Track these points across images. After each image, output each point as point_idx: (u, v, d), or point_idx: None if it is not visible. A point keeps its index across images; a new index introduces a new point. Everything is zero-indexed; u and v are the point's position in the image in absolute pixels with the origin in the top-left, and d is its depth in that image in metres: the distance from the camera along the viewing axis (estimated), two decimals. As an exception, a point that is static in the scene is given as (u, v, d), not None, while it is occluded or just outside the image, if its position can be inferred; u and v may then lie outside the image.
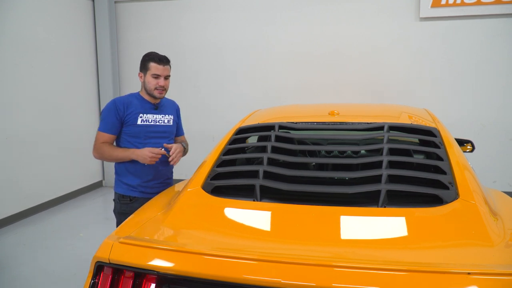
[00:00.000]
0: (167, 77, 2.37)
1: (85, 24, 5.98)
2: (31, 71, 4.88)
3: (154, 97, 2.38)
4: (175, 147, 2.35)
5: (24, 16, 4.78)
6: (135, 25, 6.27)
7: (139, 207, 2.32)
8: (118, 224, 2.43)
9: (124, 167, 2.39)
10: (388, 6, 5.40)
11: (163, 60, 2.34)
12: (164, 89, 2.37)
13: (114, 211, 2.47)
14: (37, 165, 5.00)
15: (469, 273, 1.04)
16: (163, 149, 2.30)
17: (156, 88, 2.33)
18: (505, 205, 1.73)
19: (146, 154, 2.24)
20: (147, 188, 2.39)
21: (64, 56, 5.49)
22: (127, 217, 2.34)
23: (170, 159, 2.33)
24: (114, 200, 2.47)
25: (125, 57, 6.38)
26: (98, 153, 2.34)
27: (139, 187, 2.38)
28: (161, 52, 2.42)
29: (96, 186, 6.24)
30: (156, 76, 2.32)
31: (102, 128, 2.34)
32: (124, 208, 2.40)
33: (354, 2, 5.50)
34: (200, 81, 6.15)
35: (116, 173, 2.44)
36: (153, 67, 2.32)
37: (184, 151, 2.50)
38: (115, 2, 6.23)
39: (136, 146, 2.35)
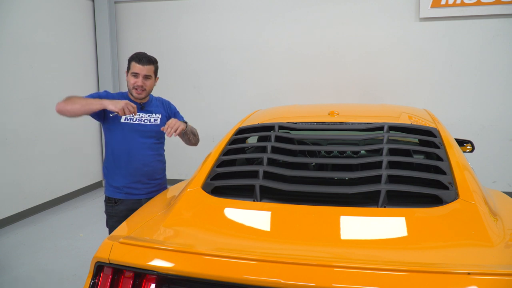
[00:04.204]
0: (147, 77, 2.32)
1: (85, 24, 5.98)
2: (31, 71, 4.88)
3: (134, 97, 2.35)
4: (170, 121, 2.23)
5: (24, 16, 4.78)
6: (135, 25, 6.27)
7: (124, 209, 2.34)
8: (107, 224, 2.46)
9: (110, 162, 2.36)
10: (388, 6, 5.40)
11: (142, 60, 2.30)
12: (143, 89, 2.32)
13: (104, 211, 2.48)
14: (37, 165, 5.01)
15: (469, 273, 1.04)
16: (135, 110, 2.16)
17: (134, 87, 2.31)
18: (505, 205, 1.73)
19: (120, 101, 2.11)
20: (132, 189, 2.36)
21: (64, 56, 5.49)
22: (114, 219, 2.38)
23: (166, 132, 2.21)
24: (104, 201, 2.48)
25: (125, 57, 6.36)
26: (65, 102, 2.17)
27: (124, 188, 2.36)
28: (161, 51, 2.42)
29: (96, 186, 6.24)
30: (135, 75, 2.30)
31: (87, 96, 2.24)
32: (110, 210, 2.41)
33: (354, 3, 5.50)
34: (200, 81, 6.15)
35: (104, 174, 2.44)
36: (133, 65, 2.30)
37: (187, 128, 2.35)
38: (115, 2, 6.23)
39: (120, 146, 2.33)
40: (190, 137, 2.46)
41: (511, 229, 1.42)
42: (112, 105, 2.11)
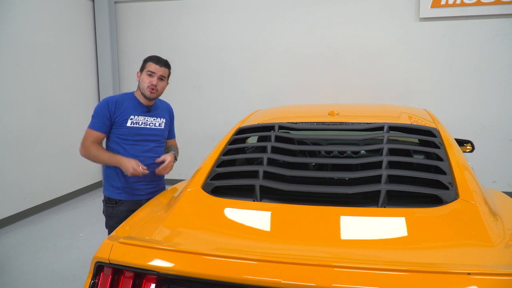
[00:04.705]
0: (162, 78, 2.34)
1: (85, 24, 5.98)
2: (31, 71, 4.88)
3: (146, 96, 2.34)
4: (168, 161, 2.32)
5: (24, 16, 4.78)
6: (135, 25, 6.27)
7: (125, 210, 2.34)
8: (106, 225, 2.46)
9: (112, 167, 2.37)
10: (388, 7, 5.40)
11: (161, 61, 2.33)
12: (156, 89, 2.32)
13: (103, 212, 2.47)
14: (37, 165, 5.01)
15: (469, 273, 1.04)
16: (146, 170, 2.25)
17: (148, 86, 2.31)
18: (505, 205, 1.73)
19: (129, 167, 2.19)
20: (133, 189, 2.36)
21: (64, 56, 5.49)
22: (113, 220, 2.37)
23: (158, 170, 2.31)
24: (103, 201, 2.47)
25: (125, 57, 6.38)
26: (86, 152, 2.29)
27: (124, 188, 2.36)
28: (161, 51, 2.42)
29: (96, 186, 6.24)
30: (150, 74, 2.31)
31: (92, 125, 2.31)
32: (110, 211, 2.40)
33: (354, 3, 5.50)
34: (200, 81, 6.16)
35: (104, 173, 2.44)
36: (149, 65, 2.32)
37: (175, 159, 2.47)
38: (115, 2, 6.23)
39: (124, 147, 2.33)
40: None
41: (511, 229, 1.42)
42: (124, 168, 2.22)
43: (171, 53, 6.07)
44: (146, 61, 2.36)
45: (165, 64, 2.35)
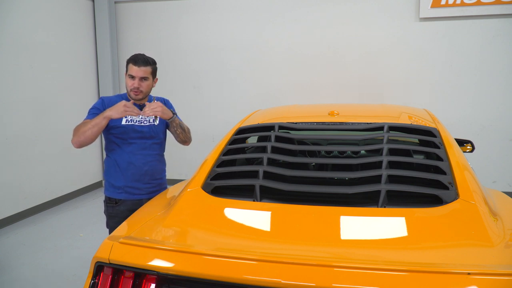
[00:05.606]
0: (144, 79, 2.31)
1: (85, 24, 5.98)
2: (31, 71, 4.88)
3: (132, 98, 2.35)
4: (159, 104, 2.24)
5: (24, 16, 4.78)
6: (135, 25, 6.27)
7: (125, 209, 2.34)
8: (107, 225, 2.46)
9: (112, 162, 2.37)
10: (388, 6, 5.40)
11: (138, 61, 2.29)
12: (140, 91, 2.31)
13: (104, 212, 2.47)
14: (37, 165, 5.01)
15: (469, 273, 1.04)
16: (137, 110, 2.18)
17: (131, 90, 2.30)
18: (505, 205, 1.73)
19: (119, 106, 2.14)
20: (133, 189, 2.36)
21: (64, 56, 5.49)
22: (114, 220, 2.37)
23: (143, 110, 2.22)
24: (104, 201, 2.47)
25: (125, 57, 6.33)
26: (75, 135, 2.22)
27: (125, 187, 2.35)
28: (161, 51, 2.41)
29: (96, 186, 6.24)
30: (131, 77, 2.30)
31: (88, 117, 2.29)
32: (111, 211, 2.40)
33: (354, 3, 5.50)
34: (200, 81, 6.16)
35: (104, 173, 2.44)
36: (130, 67, 2.31)
37: (174, 118, 2.36)
38: (115, 2, 6.23)
39: (121, 147, 2.33)
40: (178, 131, 2.43)
41: (511, 229, 1.42)
42: (115, 113, 2.15)
43: (171, 53, 6.09)
44: (127, 62, 2.34)
45: (144, 63, 2.30)
